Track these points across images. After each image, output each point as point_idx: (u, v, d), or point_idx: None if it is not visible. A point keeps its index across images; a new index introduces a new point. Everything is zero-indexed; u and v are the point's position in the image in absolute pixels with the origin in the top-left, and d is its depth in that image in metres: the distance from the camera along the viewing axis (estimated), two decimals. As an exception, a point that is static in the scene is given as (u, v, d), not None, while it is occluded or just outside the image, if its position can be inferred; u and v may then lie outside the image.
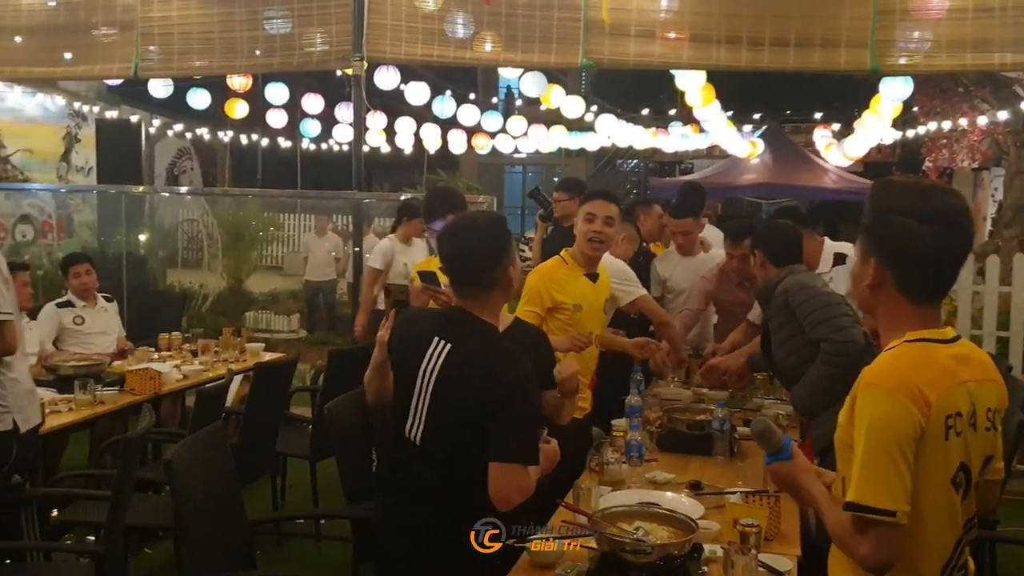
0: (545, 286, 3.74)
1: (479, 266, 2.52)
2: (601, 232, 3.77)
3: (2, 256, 3.57)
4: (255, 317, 10.24)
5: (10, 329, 3.40)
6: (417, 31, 6.25)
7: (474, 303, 2.54)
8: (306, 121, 12.20)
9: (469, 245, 2.54)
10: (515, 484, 2.36)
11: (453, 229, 2.64)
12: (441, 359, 2.48)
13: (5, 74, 7.01)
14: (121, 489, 3.20)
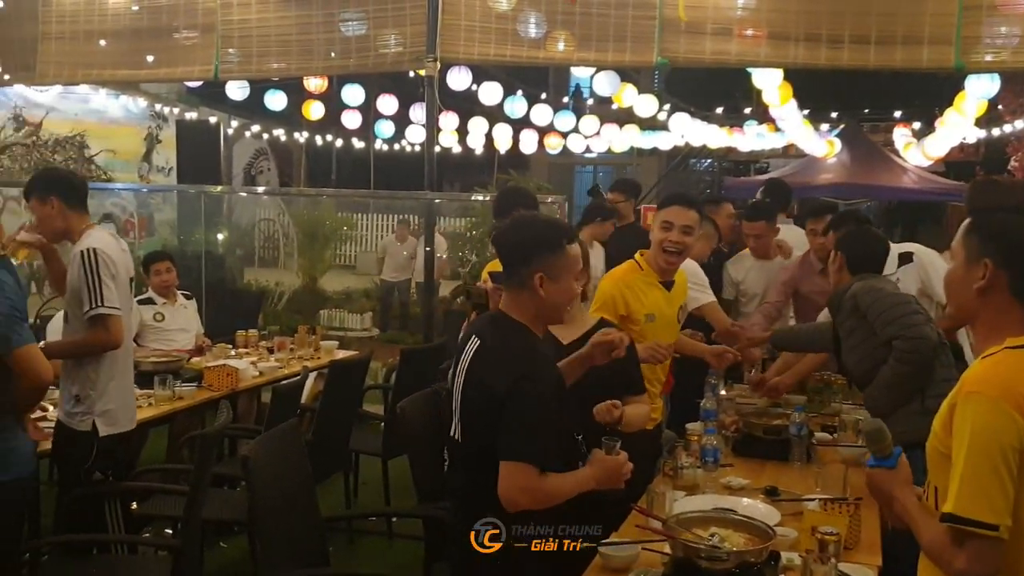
0: (620, 292, 3.57)
1: (509, 258, 2.49)
2: (679, 242, 3.56)
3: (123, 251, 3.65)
4: (329, 315, 10.39)
5: (115, 323, 3.49)
6: (490, 31, 6.27)
7: (510, 302, 2.50)
8: (380, 122, 12.33)
9: (509, 236, 2.54)
10: (519, 484, 2.31)
11: (511, 220, 2.64)
12: (469, 356, 2.47)
13: (91, 77, 7.23)
14: (198, 484, 3.27)
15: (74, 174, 3.78)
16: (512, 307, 2.50)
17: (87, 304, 3.44)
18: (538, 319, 2.52)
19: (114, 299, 3.47)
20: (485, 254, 9.99)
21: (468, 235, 11.21)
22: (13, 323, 2.98)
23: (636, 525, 2.62)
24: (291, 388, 4.38)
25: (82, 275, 3.44)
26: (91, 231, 3.61)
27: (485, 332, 2.51)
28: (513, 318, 2.48)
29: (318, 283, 12.49)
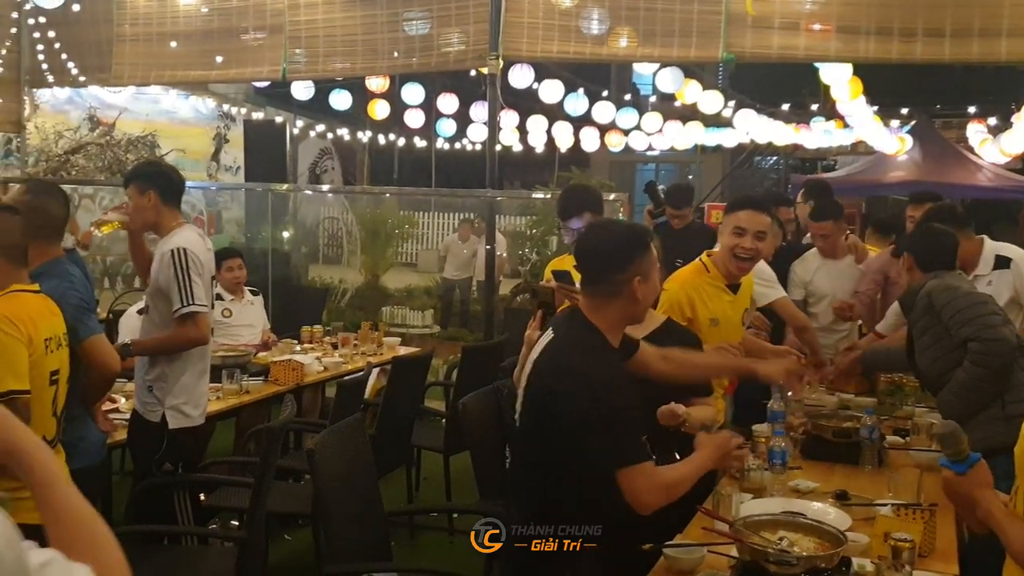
0: (686, 295, 3.50)
1: (604, 267, 2.46)
2: (751, 248, 3.48)
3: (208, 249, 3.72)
4: (391, 312, 10.48)
5: (204, 320, 3.57)
6: (553, 28, 6.24)
7: (591, 305, 2.49)
8: (441, 120, 12.39)
9: (600, 245, 2.51)
10: (643, 486, 2.30)
11: (590, 227, 2.67)
12: (541, 347, 2.49)
13: (164, 78, 7.39)
14: (264, 477, 3.31)
15: (176, 172, 3.82)
16: (593, 311, 2.48)
17: (177, 302, 3.50)
18: (623, 323, 2.52)
19: (202, 297, 3.55)
20: (546, 252, 9.98)
21: (528, 233, 11.20)
22: (82, 314, 3.07)
23: (702, 527, 2.58)
24: (355, 383, 4.42)
25: (172, 274, 3.50)
26: (180, 229, 3.66)
27: (560, 327, 2.54)
28: (590, 321, 2.47)
29: (380, 280, 12.63)
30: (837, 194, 6.00)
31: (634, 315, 2.52)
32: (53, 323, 2.74)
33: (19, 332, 2.56)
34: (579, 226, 3.69)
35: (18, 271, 2.73)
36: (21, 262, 2.75)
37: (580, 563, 2.41)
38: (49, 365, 2.67)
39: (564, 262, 3.87)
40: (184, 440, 3.61)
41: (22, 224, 2.77)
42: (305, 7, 6.60)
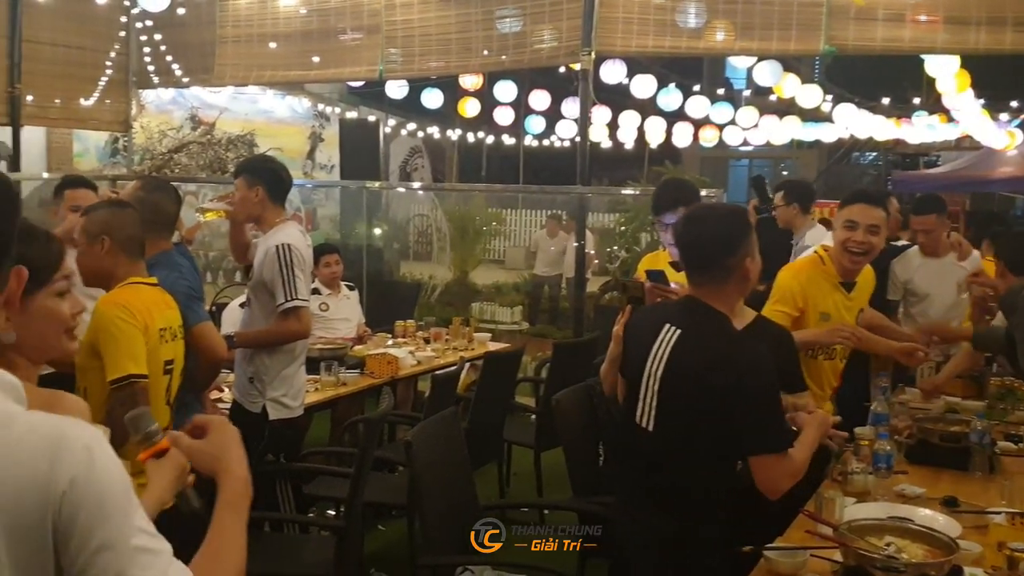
0: (800, 286, 3.40)
1: (714, 252, 2.45)
2: (864, 242, 3.37)
3: (308, 246, 3.81)
4: (480, 308, 10.56)
5: (306, 314, 3.68)
6: (648, 23, 6.20)
7: (708, 292, 2.47)
8: (531, 117, 12.41)
9: (706, 231, 2.50)
10: (779, 473, 2.35)
11: (691, 216, 2.63)
12: (670, 345, 2.45)
13: (264, 78, 7.60)
14: (362, 467, 3.37)
15: (285, 170, 3.91)
16: (712, 297, 2.48)
17: (281, 297, 3.59)
18: (738, 305, 2.55)
19: (305, 292, 3.65)
20: (636, 249, 9.90)
21: (618, 230, 11.13)
22: (191, 302, 3.18)
23: (805, 531, 2.52)
24: (449, 377, 4.46)
25: (277, 269, 3.59)
26: (284, 225, 3.75)
27: (683, 320, 2.50)
28: (712, 306, 2.47)
29: (469, 277, 12.73)
30: (940, 190, 5.80)
31: (745, 292, 2.57)
32: (168, 315, 2.83)
33: (136, 320, 2.66)
34: (673, 220, 3.64)
35: (135, 263, 2.84)
36: (138, 255, 2.86)
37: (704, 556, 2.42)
38: (164, 355, 2.76)
39: (657, 259, 3.83)
40: (284, 431, 3.70)
41: (137, 218, 2.88)
42: (401, 7, 6.70)
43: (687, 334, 2.45)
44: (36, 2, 7.16)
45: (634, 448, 2.58)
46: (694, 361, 2.41)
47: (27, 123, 7.65)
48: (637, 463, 2.59)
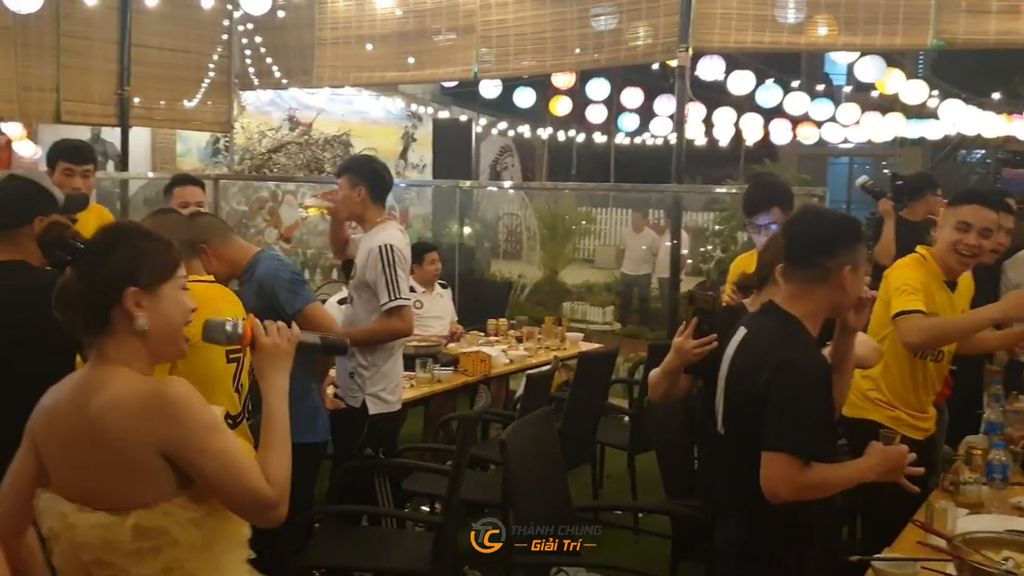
0: (926, 282, 3.28)
1: (813, 250, 2.37)
2: (975, 245, 3.24)
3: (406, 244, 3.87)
4: (571, 307, 10.53)
5: (408, 313, 3.75)
6: (748, 18, 6.09)
7: (792, 293, 2.39)
8: (623, 115, 12.31)
9: (812, 227, 2.44)
10: (780, 475, 2.21)
11: (804, 209, 2.68)
12: (735, 345, 2.44)
13: (362, 79, 7.74)
14: (459, 464, 3.39)
15: (387, 171, 3.97)
16: (791, 300, 2.40)
17: (385, 296, 3.66)
18: (824, 313, 2.42)
19: (407, 291, 3.72)
20: (731, 249, 9.73)
21: (713, 229, 10.95)
22: (296, 286, 3.27)
23: (916, 542, 2.43)
24: (544, 376, 4.45)
25: (380, 269, 3.66)
26: (385, 225, 3.82)
27: (753, 321, 2.49)
28: (785, 310, 2.40)
29: (558, 276, 12.71)
30: None
31: (839, 306, 2.42)
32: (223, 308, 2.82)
33: None
34: (766, 222, 3.55)
35: (189, 263, 2.90)
36: (192, 254, 2.92)
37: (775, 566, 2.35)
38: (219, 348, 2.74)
39: (751, 260, 3.74)
40: (383, 425, 3.76)
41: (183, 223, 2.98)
42: (496, 7, 6.73)
43: (749, 335, 2.43)
44: (145, 8, 7.42)
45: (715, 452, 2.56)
46: (745, 360, 2.39)
47: (134, 124, 7.95)
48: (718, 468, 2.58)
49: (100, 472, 1.68)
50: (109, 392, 1.70)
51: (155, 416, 1.66)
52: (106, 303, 1.74)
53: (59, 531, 1.70)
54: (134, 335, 1.76)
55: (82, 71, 7.29)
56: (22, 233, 2.71)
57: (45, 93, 7.06)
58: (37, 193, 2.83)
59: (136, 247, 1.80)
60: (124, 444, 1.66)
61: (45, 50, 6.98)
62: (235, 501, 1.71)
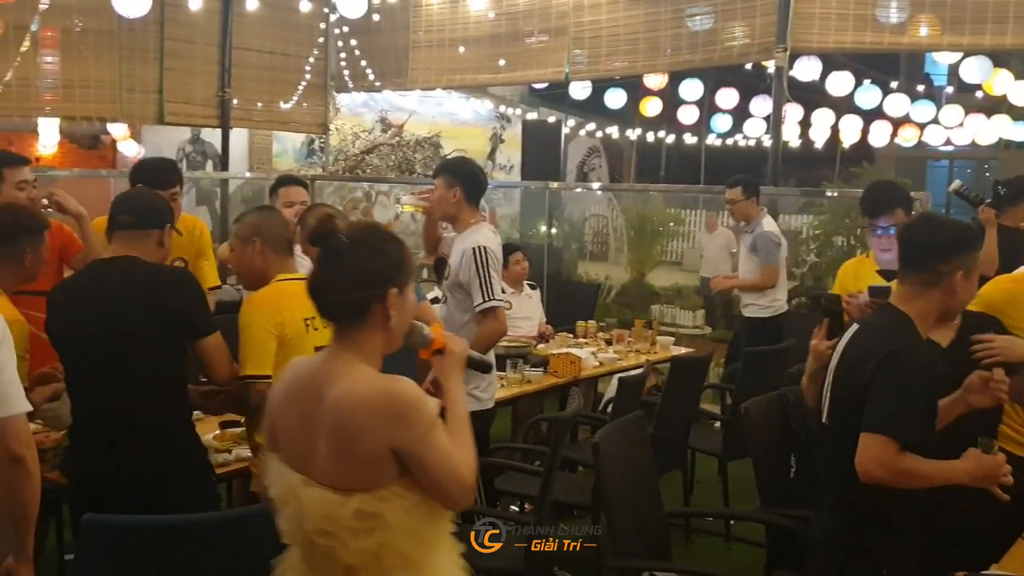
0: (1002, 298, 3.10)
1: (927, 254, 2.43)
2: None
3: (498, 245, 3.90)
4: (660, 310, 10.42)
5: (502, 313, 3.77)
6: (847, 18, 5.96)
7: (906, 294, 2.47)
8: (716, 116, 12.15)
9: (929, 232, 2.48)
10: (874, 455, 2.27)
11: (924, 215, 2.74)
12: (845, 340, 2.50)
13: (455, 82, 7.83)
14: (552, 465, 3.40)
15: (483, 173, 4.01)
16: (904, 300, 2.47)
17: (479, 298, 3.69)
18: (934, 315, 2.48)
19: (500, 292, 3.74)
20: (827, 254, 9.50)
21: (809, 233, 10.68)
22: None
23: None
24: (636, 380, 4.43)
25: (474, 271, 3.69)
26: (478, 227, 3.85)
27: (866, 320, 2.57)
28: (899, 309, 2.46)
29: (646, 278, 12.58)
30: None
31: (949, 309, 2.49)
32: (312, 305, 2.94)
33: (267, 321, 2.84)
34: (888, 224, 3.45)
35: (285, 261, 3.05)
36: (287, 252, 3.06)
37: None
38: (313, 342, 2.83)
39: (862, 265, 3.66)
40: (476, 423, 3.75)
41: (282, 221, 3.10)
42: (589, 8, 6.72)
43: (860, 330, 2.50)
44: (246, 12, 7.64)
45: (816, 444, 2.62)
46: (854, 351, 2.45)
47: (234, 125, 8.19)
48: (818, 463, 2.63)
49: (331, 455, 1.81)
50: (349, 386, 1.83)
51: (392, 416, 1.79)
52: (369, 298, 1.88)
53: (286, 498, 1.86)
54: (381, 330, 1.91)
55: (184, 73, 7.55)
56: (152, 236, 2.86)
57: (149, 95, 7.33)
58: (168, 207, 3.02)
59: (401, 251, 1.96)
60: (360, 437, 1.79)
61: (149, 53, 7.25)
62: (446, 490, 1.84)
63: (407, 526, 1.82)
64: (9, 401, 2.20)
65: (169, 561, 2.24)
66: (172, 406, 2.82)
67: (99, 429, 2.72)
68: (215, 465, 3.09)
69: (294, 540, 1.90)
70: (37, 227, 3.00)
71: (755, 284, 5.96)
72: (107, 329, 2.69)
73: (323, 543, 1.81)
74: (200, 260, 4.20)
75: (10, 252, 2.91)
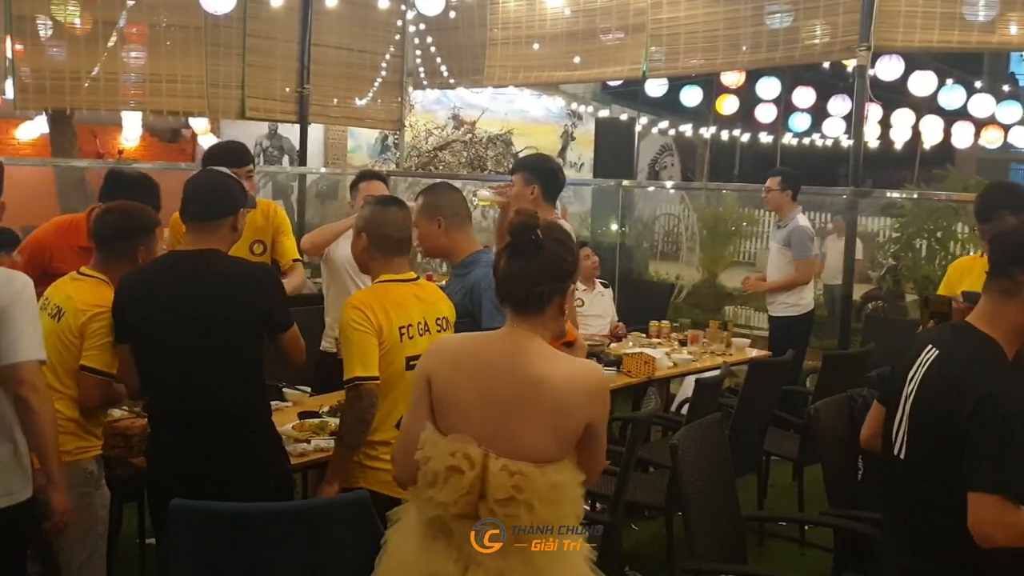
0: None
1: (1007, 260, 2.28)
2: None
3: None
4: (734, 311, 10.28)
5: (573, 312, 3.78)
6: (934, 16, 5.80)
7: (987, 312, 2.30)
8: (794, 115, 11.94)
9: (1012, 238, 2.36)
10: (990, 518, 2.12)
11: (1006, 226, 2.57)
12: (925, 367, 2.32)
13: (531, 79, 7.82)
14: (628, 465, 3.39)
15: (562, 172, 4.03)
16: (985, 318, 2.30)
17: None
18: (1017, 334, 2.30)
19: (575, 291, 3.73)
20: (907, 257, 9.27)
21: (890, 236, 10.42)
22: None
23: None
24: (713, 382, 4.38)
25: None
26: None
27: (946, 344, 2.36)
28: (981, 331, 2.29)
29: (718, 279, 12.42)
30: None
31: None
32: (411, 312, 2.87)
33: (369, 324, 2.78)
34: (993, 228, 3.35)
35: (389, 261, 2.95)
36: (394, 252, 2.95)
37: None
38: (406, 351, 2.82)
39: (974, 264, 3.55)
40: None
41: (401, 219, 2.98)
42: (667, 5, 6.67)
43: (942, 356, 2.32)
44: (325, 8, 7.75)
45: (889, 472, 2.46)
46: (939, 384, 2.28)
47: (312, 121, 8.32)
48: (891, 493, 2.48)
49: (533, 428, 1.96)
50: (560, 366, 1.99)
51: (598, 395, 2.00)
52: (554, 291, 2.05)
53: (462, 469, 1.93)
54: (553, 320, 2.07)
55: (265, 69, 7.68)
56: (225, 224, 2.86)
57: (231, 90, 7.48)
58: (239, 187, 3.00)
59: (578, 250, 2.18)
60: (572, 412, 1.96)
61: (232, 49, 7.40)
62: (600, 464, 2.08)
63: (574, 497, 1.98)
64: (16, 350, 2.43)
65: (252, 548, 2.30)
66: (256, 396, 2.87)
67: (182, 417, 2.76)
68: (293, 455, 3.12)
69: (455, 510, 1.94)
70: (150, 225, 3.12)
71: (792, 281, 5.93)
72: (198, 319, 2.73)
73: (504, 512, 1.90)
74: (279, 237, 4.25)
75: (126, 250, 3.03)
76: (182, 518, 2.29)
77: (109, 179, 3.69)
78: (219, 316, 2.75)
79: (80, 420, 2.97)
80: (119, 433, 3.17)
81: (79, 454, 2.97)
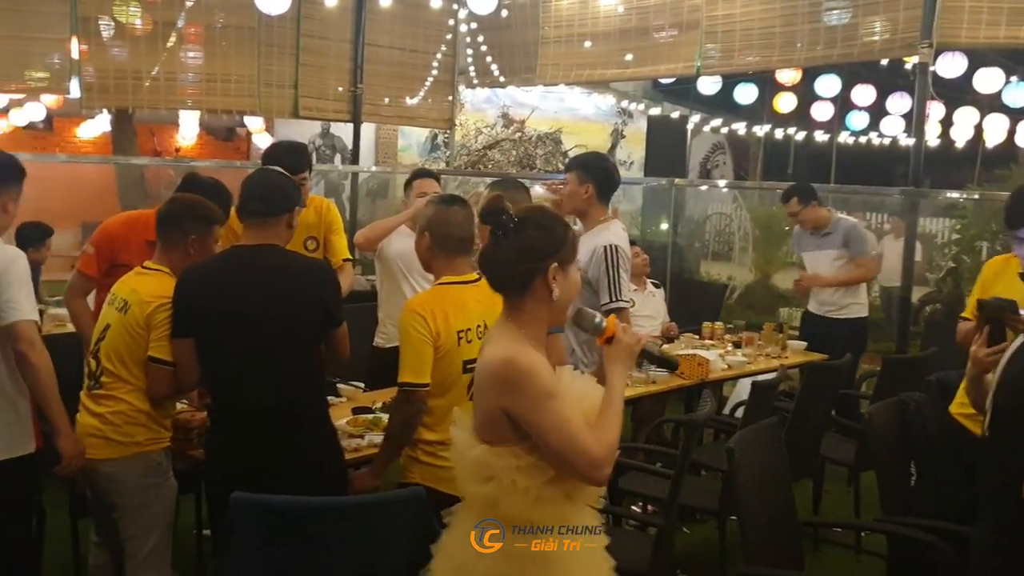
0: None
1: None
2: None
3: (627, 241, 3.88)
4: (789, 313, 10.12)
5: (626, 315, 3.74)
6: (1000, 11, 5.65)
7: None
8: (852, 113, 11.73)
9: None
10: None
11: None
12: (1010, 353, 2.36)
13: (583, 77, 7.78)
14: (682, 467, 3.35)
15: (616, 171, 3.99)
16: None
17: (606, 297, 3.66)
18: None
19: (628, 293, 3.73)
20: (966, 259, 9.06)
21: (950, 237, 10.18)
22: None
23: None
24: (769, 385, 4.30)
25: (603, 269, 3.67)
26: (609, 224, 3.82)
27: None
28: None
29: (771, 279, 12.24)
30: None
31: None
32: (470, 315, 2.83)
33: (426, 329, 2.75)
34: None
35: (452, 261, 2.91)
36: (456, 251, 2.91)
37: None
38: (463, 355, 2.78)
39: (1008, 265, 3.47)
40: None
41: (465, 218, 2.95)
42: (723, 2, 6.60)
43: None
44: (378, 8, 7.80)
45: None
46: (1012, 369, 2.31)
47: (365, 120, 8.38)
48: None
49: (475, 407, 2.09)
50: (488, 350, 2.08)
51: (504, 381, 2.00)
52: (534, 270, 2.07)
53: None
54: (544, 302, 2.09)
55: (318, 69, 7.76)
56: (282, 221, 2.90)
57: (285, 90, 7.57)
58: (295, 187, 3.05)
59: (564, 230, 2.15)
60: (482, 394, 2.06)
61: (286, 49, 7.49)
62: (570, 461, 1.99)
63: (522, 485, 1.99)
64: (14, 310, 2.71)
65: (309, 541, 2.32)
66: (316, 391, 2.89)
67: (242, 410, 2.79)
68: (347, 450, 3.13)
69: None
70: (207, 218, 3.14)
71: (859, 277, 5.79)
72: (260, 313, 2.76)
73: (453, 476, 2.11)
74: (331, 235, 4.31)
75: (176, 236, 3.07)
76: (242, 511, 2.32)
77: (184, 180, 3.76)
78: (281, 310, 2.78)
79: (150, 411, 3.02)
80: (179, 426, 3.21)
81: (149, 445, 3.02)
